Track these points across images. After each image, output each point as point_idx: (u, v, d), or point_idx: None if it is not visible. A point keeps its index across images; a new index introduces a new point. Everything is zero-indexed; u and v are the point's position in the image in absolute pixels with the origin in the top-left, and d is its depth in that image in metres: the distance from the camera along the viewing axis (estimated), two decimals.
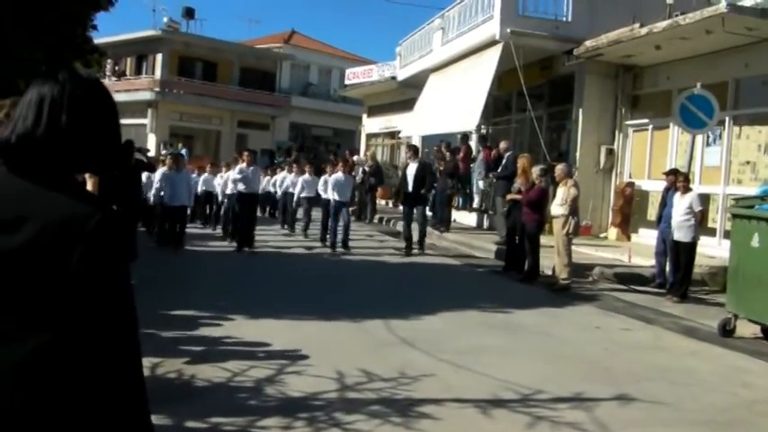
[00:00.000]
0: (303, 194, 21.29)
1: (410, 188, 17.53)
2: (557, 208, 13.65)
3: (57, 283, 1.94)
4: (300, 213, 22.04)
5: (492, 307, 11.67)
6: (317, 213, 20.21)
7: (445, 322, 10.60)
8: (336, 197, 18.31)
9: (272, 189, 25.32)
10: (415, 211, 17.67)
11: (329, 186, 18.70)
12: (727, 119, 16.29)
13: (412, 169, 17.68)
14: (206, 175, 24.17)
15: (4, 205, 2.01)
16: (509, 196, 15.43)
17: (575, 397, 7.33)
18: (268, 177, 26.03)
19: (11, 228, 1.96)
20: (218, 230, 21.25)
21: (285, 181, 23.66)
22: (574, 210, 13.48)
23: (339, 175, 18.98)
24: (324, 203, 19.16)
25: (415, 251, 17.15)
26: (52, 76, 2.20)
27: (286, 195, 23.37)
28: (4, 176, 2.06)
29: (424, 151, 23.00)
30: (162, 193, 17.72)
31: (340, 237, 18.13)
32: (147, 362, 7.70)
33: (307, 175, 21.79)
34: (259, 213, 21.42)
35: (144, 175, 17.09)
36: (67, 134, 2.12)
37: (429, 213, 19.60)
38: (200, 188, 23.27)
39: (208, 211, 24.30)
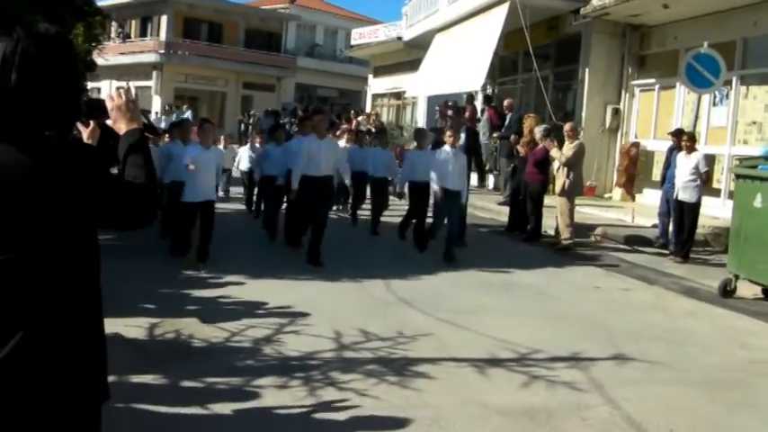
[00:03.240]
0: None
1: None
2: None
3: (8, 217, 2.30)
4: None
5: (492, 267, 11.65)
6: None
7: (445, 282, 10.59)
8: None
9: None
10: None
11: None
12: (734, 79, 16.15)
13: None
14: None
15: None
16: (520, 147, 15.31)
17: (572, 356, 7.33)
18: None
19: None
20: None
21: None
22: (571, 169, 13.38)
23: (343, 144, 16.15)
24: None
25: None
26: (9, 34, 2.27)
27: None
28: None
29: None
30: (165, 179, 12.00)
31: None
32: (145, 322, 7.79)
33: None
34: None
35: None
36: (17, 92, 2.23)
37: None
38: (242, 165, 17.66)
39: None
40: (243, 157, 17.68)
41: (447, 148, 12.22)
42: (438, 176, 12.13)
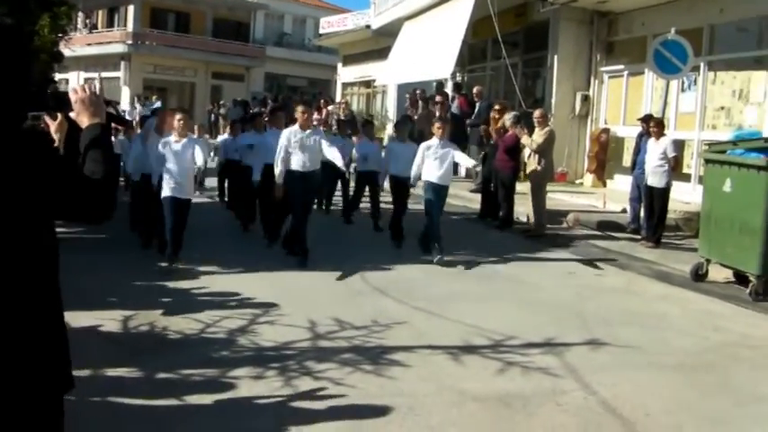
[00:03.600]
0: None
1: None
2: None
3: None
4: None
5: (466, 254, 11.68)
6: None
7: (419, 270, 10.61)
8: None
9: None
10: None
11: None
12: (702, 65, 16.24)
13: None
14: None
15: None
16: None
17: (546, 342, 7.37)
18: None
19: None
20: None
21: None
22: (542, 155, 13.42)
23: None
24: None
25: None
26: None
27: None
28: None
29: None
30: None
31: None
32: (119, 314, 7.74)
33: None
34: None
35: (120, 140, 14.46)
36: None
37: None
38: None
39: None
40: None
41: (435, 140, 11.54)
42: (426, 171, 11.48)
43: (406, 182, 12.24)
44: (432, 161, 11.41)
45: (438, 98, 20.26)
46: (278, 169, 10.95)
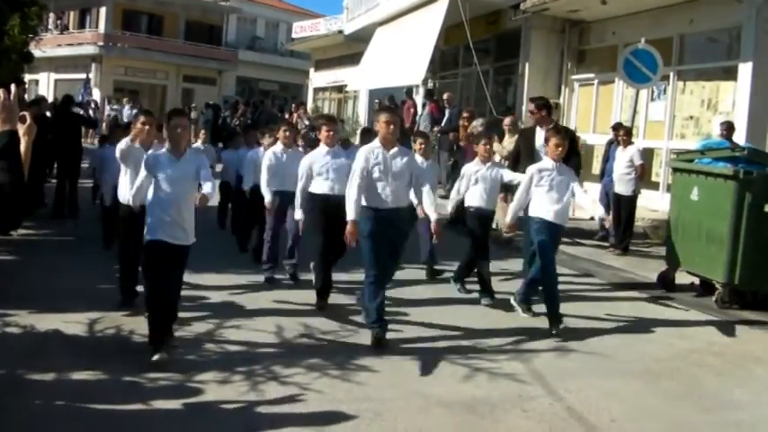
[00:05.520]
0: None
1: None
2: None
3: None
4: None
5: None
6: None
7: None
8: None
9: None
10: None
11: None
12: (671, 74, 16.39)
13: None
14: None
15: None
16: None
17: (513, 348, 7.40)
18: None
19: None
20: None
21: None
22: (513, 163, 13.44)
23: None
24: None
25: None
26: None
27: None
28: None
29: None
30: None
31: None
32: (85, 318, 7.66)
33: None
34: None
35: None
36: None
37: None
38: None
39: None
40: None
41: (549, 162, 8.75)
42: (536, 204, 8.68)
43: None
44: (544, 191, 8.64)
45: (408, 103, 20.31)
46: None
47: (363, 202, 7.54)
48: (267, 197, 9.79)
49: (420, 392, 6.08)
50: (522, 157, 10.27)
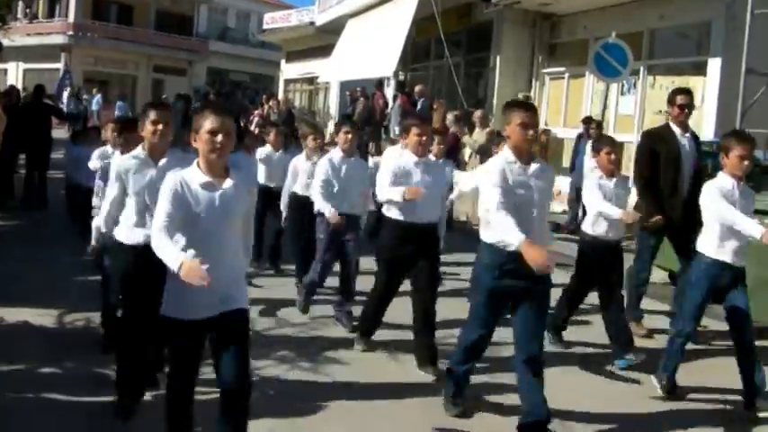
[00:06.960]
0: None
1: None
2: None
3: None
4: None
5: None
6: None
7: (361, 269, 10.55)
8: None
9: None
10: None
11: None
12: (641, 68, 16.51)
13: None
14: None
15: None
16: None
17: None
18: None
19: None
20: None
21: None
22: (484, 155, 13.48)
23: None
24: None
25: None
26: None
27: None
28: None
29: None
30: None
31: None
32: (55, 311, 7.62)
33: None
34: None
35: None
36: None
37: None
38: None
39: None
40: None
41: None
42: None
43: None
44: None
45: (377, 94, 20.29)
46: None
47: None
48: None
49: (390, 384, 6.13)
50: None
